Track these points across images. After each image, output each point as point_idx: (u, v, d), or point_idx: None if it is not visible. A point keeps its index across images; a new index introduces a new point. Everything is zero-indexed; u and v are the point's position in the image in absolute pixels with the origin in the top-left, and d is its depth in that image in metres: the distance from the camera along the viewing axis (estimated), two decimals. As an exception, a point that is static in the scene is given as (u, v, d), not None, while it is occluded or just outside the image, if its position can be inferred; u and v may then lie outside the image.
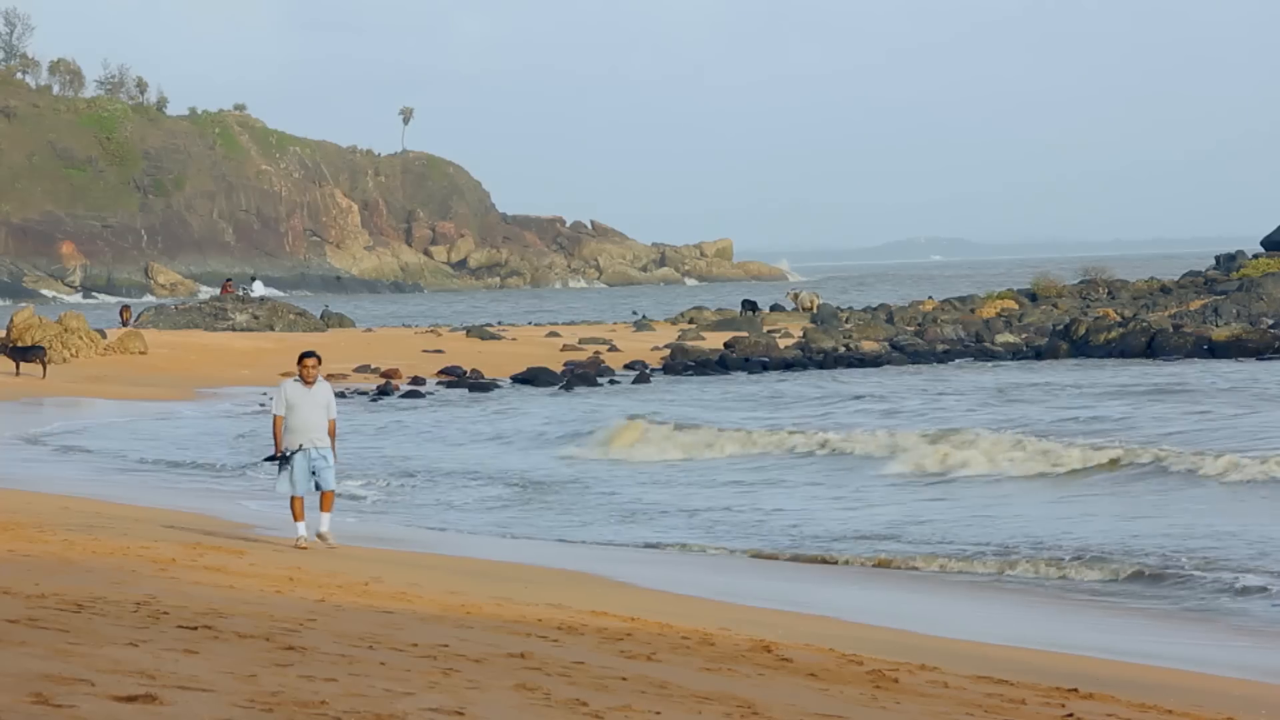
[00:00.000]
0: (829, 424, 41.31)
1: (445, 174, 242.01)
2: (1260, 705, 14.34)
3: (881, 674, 14.04)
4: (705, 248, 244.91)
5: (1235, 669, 16.70)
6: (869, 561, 24.27)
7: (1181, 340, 62.43)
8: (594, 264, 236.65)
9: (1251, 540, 24.60)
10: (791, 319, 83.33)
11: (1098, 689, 14.21)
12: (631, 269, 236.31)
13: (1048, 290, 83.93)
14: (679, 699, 11.51)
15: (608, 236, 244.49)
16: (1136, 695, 14.09)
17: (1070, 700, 13.53)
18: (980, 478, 33.05)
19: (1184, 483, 30.75)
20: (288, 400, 22.18)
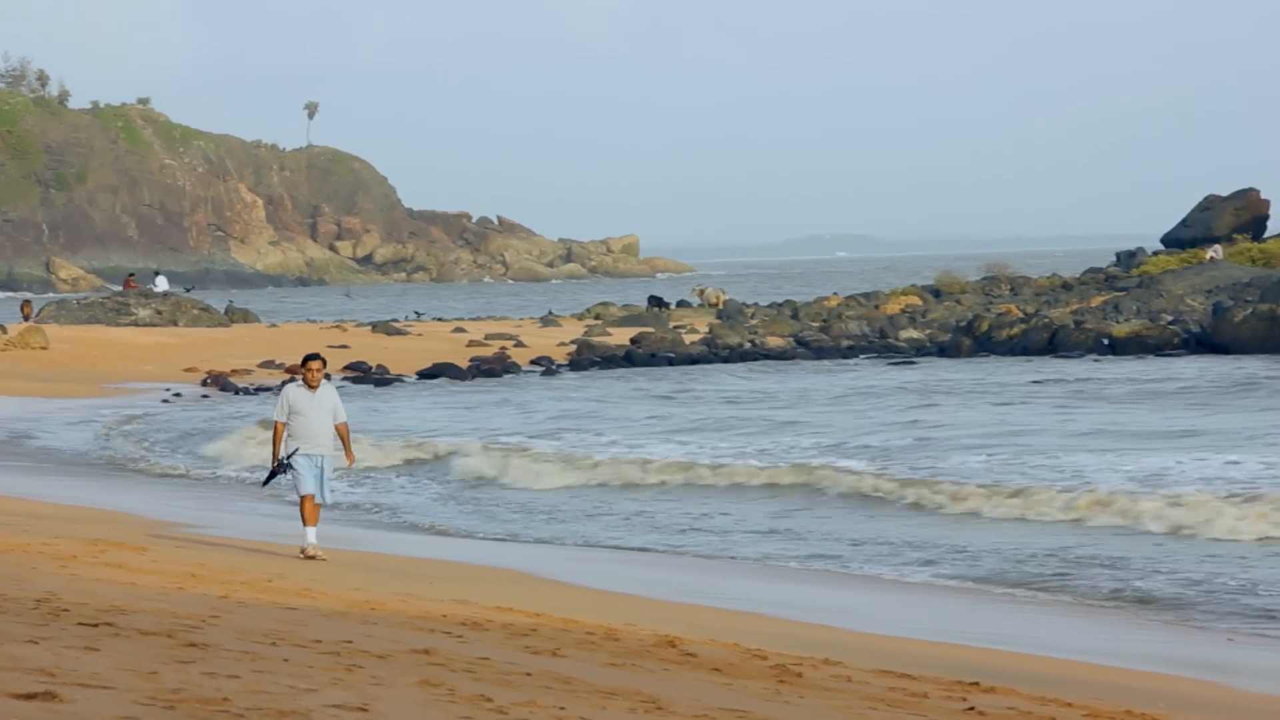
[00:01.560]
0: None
1: (351, 169, 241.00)
2: (1159, 698, 14.47)
3: (785, 669, 14.09)
4: (612, 244, 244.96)
5: (1136, 660, 16.86)
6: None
7: (1083, 336, 62.95)
8: (500, 260, 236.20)
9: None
10: (698, 315, 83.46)
11: (999, 682, 14.31)
12: (538, 265, 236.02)
13: (951, 287, 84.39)
14: (584, 694, 11.52)
15: (514, 232, 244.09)
16: (1037, 688, 14.20)
17: (972, 694, 13.62)
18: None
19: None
20: (290, 405, 21.18)
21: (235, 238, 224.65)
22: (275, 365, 61.74)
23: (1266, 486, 27.38)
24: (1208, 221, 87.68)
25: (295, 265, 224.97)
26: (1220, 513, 25.80)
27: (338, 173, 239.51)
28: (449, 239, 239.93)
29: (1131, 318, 68.42)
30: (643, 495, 31.51)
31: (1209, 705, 14.44)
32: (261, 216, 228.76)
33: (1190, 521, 25.75)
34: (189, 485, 33.26)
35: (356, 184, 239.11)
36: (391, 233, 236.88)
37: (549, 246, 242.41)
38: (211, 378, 57.88)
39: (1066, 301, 76.67)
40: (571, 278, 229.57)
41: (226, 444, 38.98)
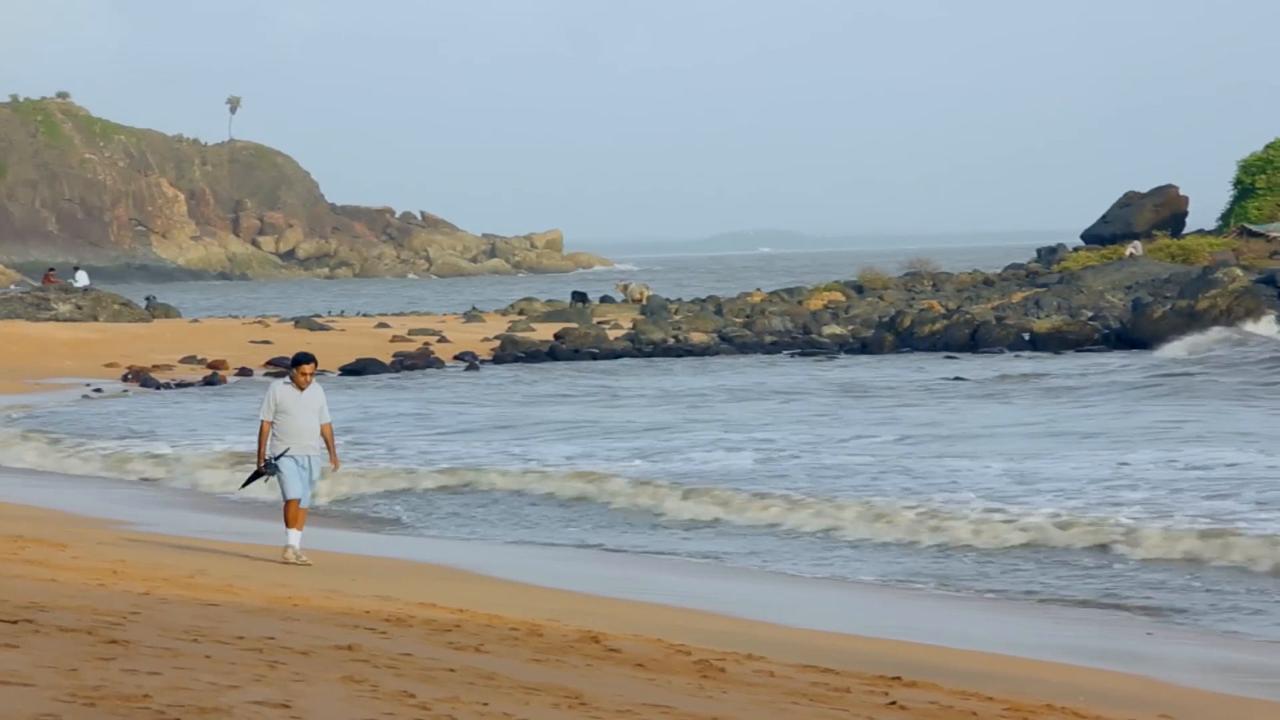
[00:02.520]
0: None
1: (273, 164, 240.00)
2: (1078, 691, 14.58)
3: (708, 664, 14.13)
4: (535, 239, 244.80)
5: (1057, 654, 16.97)
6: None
7: (1004, 332, 63.31)
8: (424, 255, 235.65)
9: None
10: (621, 310, 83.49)
11: (921, 677, 14.38)
12: (462, 260, 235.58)
13: (874, 282, 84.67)
14: (507, 690, 11.53)
15: (438, 228, 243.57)
16: (959, 683, 14.27)
17: (894, 688, 13.69)
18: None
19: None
20: (277, 404, 20.57)
21: (157, 233, 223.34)
22: (197, 361, 61.45)
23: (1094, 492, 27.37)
24: (1127, 218, 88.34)
25: (217, 260, 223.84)
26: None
27: (260, 168, 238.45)
28: (372, 234, 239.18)
29: (1052, 314, 68.82)
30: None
31: (1129, 699, 14.56)
32: (183, 211, 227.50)
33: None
34: (110, 482, 33.05)
35: (279, 179, 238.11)
36: (314, 228, 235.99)
37: (473, 242, 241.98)
38: (132, 373, 57.56)
39: (988, 298, 77.05)
40: (495, 273, 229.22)
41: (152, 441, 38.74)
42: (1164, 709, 13.97)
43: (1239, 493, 26.53)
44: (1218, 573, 21.94)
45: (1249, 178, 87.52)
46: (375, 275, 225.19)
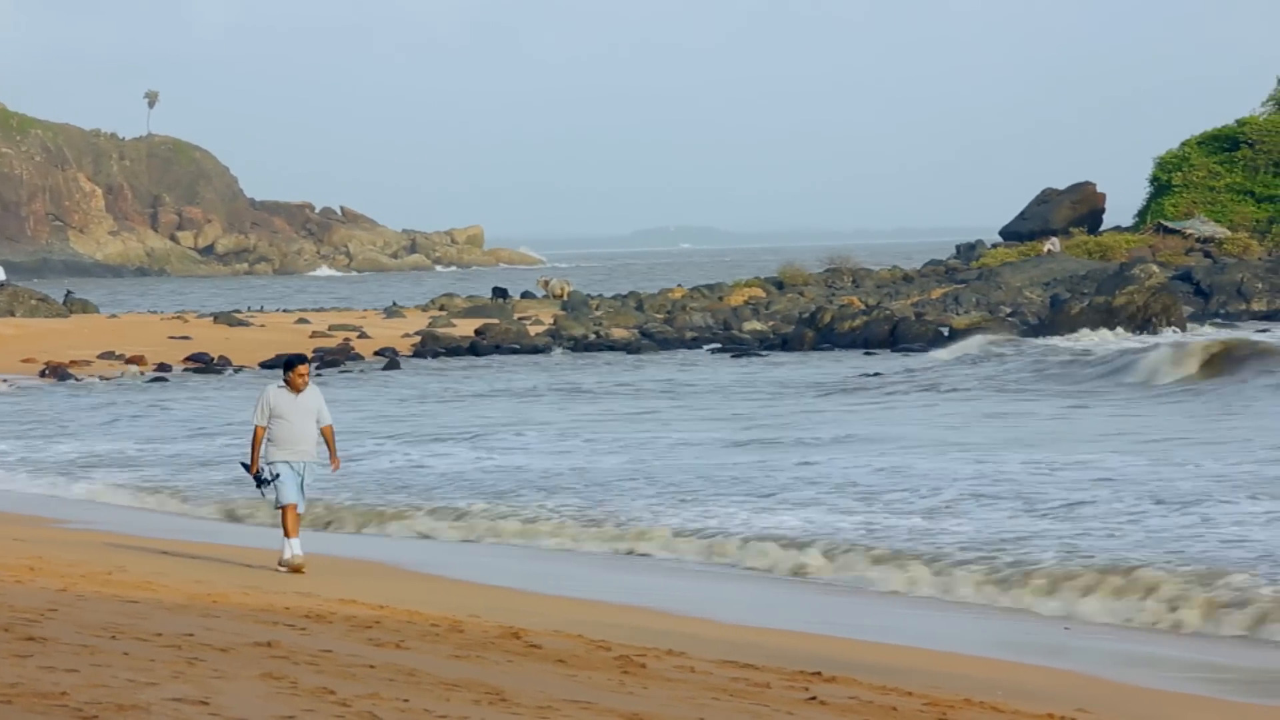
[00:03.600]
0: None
1: (192, 159, 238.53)
2: (997, 686, 14.66)
3: (629, 659, 14.15)
4: (456, 234, 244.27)
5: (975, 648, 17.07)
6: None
7: (923, 328, 63.64)
8: (344, 250, 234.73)
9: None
10: (542, 306, 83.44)
11: (841, 672, 14.43)
12: (382, 256, 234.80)
13: (794, 278, 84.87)
14: (427, 686, 11.52)
15: (358, 223, 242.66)
16: (878, 678, 14.34)
17: (814, 683, 13.74)
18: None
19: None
20: (271, 409, 19.70)
21: (74, 228, 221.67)
22: (115, 356, 61.08)
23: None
24: (1045, 215, 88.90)
25: (136, 255, 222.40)
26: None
27: (179, 162, 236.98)
28: (292, 230, 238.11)
29: (971, 310, 69.23)
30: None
31: (1047, 693, 14.65)
32: (101, 206, 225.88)
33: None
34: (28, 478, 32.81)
35: (198, 174, 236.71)
36: (234, 223, 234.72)
37: (393, 237, 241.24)
38: (50, 369, 57.18)
39: (907, 294, 77.40)
40: (416, 269, 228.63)
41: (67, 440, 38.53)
42: (1081, 703, 14.07)
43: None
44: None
45: (1165, 175, 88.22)
46: (295, 271, 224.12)
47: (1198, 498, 25.40)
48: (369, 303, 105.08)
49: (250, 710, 9.71)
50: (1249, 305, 72.33)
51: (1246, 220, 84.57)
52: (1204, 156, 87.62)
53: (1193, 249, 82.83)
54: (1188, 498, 25.45)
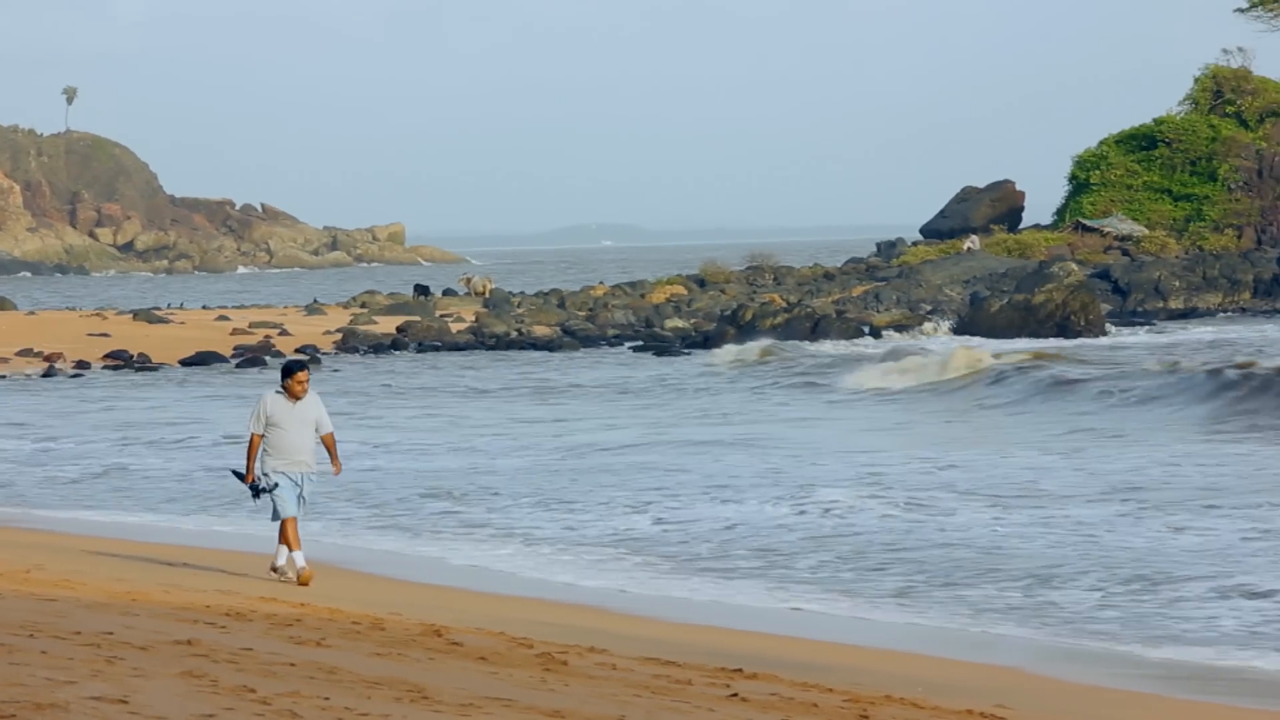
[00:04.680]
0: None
1: (111, 155, 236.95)
2: (917, 682, 14.73)
3: (551, 657, 14.15)
4: (378, 231, 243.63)
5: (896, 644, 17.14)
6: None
7: (844, 326, 63.92)
8: (265, 248, 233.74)
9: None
10: (464, 303, 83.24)
11: (762, 668, 14.47)
12: (303, 253, 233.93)
13: (716, 276, 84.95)
14: (349, 684, 11.50)
15: (279, 220, 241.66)
16: (800, 674, 14.38)
17: (735, 680, 13.77)
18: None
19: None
20: (267, 417, 18.85)
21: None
22: (34, 354, 60.65)
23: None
24: (965, 213, 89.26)
25: (54, 252, 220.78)
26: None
27: (98, 159, 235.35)
28: (212, 226, 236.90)
29: (892, 307, 69.50)
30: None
31: (966, 688, 14.74)
32: (19, 203, 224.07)
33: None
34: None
35: (117, 170, 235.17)
36: (153, 220, 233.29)
37: (314, 234, 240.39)
38: (-34, 366, 56.72)
39: (829, 291, 77.60)
40: (337, 266, 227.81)
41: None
42: (1000, 698, 14.15)
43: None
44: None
45: (1084, 173, 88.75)
46: (216, 268, 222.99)
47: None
48: (290, 300, 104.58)
49: (170, 709, 9.67)
50: (1166, 303, 72.92)
51: (1164, 218, 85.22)
52: (1122, 155, 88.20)
53: (1111, 247, 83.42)
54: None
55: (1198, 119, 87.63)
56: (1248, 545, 22.42)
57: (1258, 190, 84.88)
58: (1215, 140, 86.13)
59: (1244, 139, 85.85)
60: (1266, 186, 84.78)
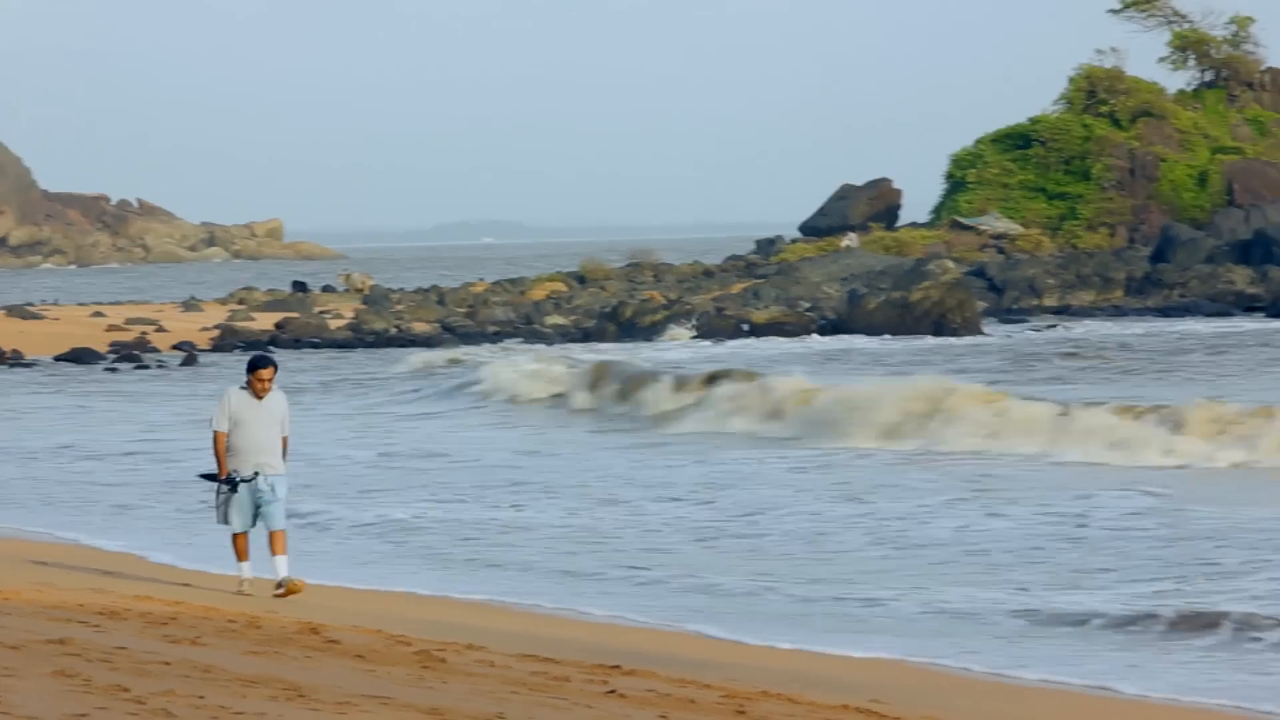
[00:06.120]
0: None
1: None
2: (793, 679, 14.82)
3: (429, 654, 14.14)
4: (256, 228, 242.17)
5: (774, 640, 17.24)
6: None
7: (724, 323, 64.24)
8: (141, 244, 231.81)
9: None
10: (343, 300, 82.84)
11: (640, 665, 14.52)
12: (180, 248, 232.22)
13: (596, 273, 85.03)
14: (224, 683, 11.45)
15: (155, 215, 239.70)
16: (677, 671, 14.43)
17: (613, 677, 13.81)
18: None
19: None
20: (232, 414, 17.95)
21: None
22: (-97, 350, 59.89)
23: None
24: (843, 211, 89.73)
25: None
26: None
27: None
28: (87, 222, 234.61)
29: (771, 304, 69.80)
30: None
31: (842, 684, 14.85)
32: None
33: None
34: None
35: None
36: (27, 214, 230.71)
37: (191, 230, 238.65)
38: None
39: (708, 288, 77.83)
40: (215, 261, 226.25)
41: None
42: (874, 693, 14.26)
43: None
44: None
45: (960, 172, 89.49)
46: (91, 263, 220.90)
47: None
48: (167, 296, 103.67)
49: (42, 708, 9.59)
50: (1040, 301, 73.65)
51: (1038, 217, 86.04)
52: (998, 154, 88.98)
53: (987, 245, 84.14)
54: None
55: (1072, 118, 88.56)
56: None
57: (1130, 189, 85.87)
58: (1089, 140, 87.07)
59: (1117, 138, 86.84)
60: (1138, 185, 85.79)
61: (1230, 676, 15.96)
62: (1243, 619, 17.66)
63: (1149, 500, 25.96)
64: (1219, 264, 73.95)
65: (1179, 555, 21.62)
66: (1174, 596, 19.05)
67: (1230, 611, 17.97)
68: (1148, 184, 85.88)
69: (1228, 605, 18.34)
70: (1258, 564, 20.81)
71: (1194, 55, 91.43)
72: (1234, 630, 17.47)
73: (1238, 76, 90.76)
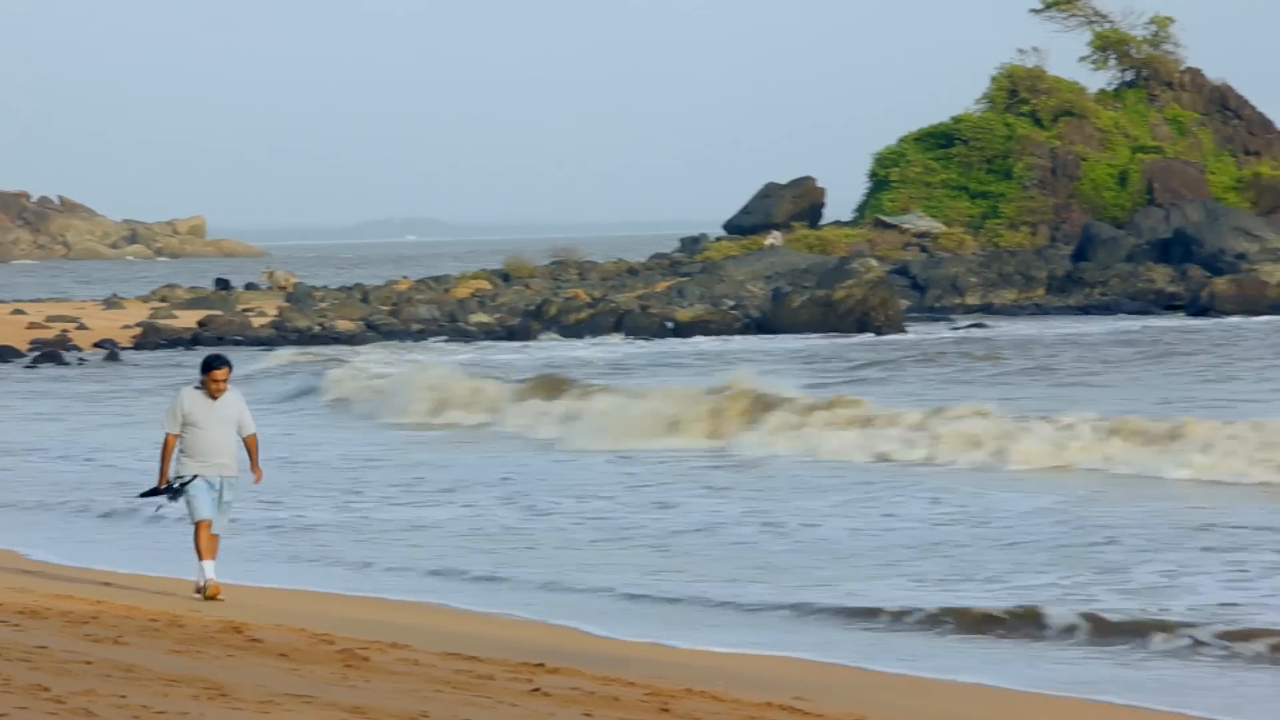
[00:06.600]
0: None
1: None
2: (717, 676, 14.87)
3: (352, 653, 14.12)
4: (178, 225, 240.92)
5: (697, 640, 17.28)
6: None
7: (648, 321, 64.33)
8: (62, 240, 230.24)
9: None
10: (266, 298, 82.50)
11: (564, 663, 14.54)
12: (101, 246, 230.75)
13: (520, 271, 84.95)
14: (146, 682, 11.40)
15: (76, 212, 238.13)
16: (601, 669, 14.46)
17: (537, 675, 13.82)
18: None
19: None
20: (184, 415, 17.59)
21: None
22: None
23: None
24: (767, 209, 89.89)
25: None
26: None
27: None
28: (7, 219, 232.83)
29: (695, 302, 69.90)
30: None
31: (766, 681, 14.90)
32: None
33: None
34: None
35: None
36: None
37: (113, 227, 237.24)
38: None
39: (633, 286, 77.88)
40: (137, 259, 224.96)
41: None
42: (798, 690, 14.31)
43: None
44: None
45: (883, 170, 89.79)
46: (11, 260, 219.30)
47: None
48: (88, 294, 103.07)
49: (-38, 709, 9.53)
50: (963, 299, 74.03)
51: (961, 216, 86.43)
52: (920, 153, 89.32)
53: (910, 243, 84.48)
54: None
55: (994, 118, 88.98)
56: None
57: (1051, 188, 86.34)
58: (1011, 139, 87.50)
59: (1038, 138, 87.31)
60: (1060, 184, 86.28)
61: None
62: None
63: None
64: (1139, 263, 74.48)
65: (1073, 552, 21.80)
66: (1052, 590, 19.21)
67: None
68: (1069, 183, 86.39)
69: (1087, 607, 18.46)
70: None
71: (1114, 55, 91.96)
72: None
73: (1158, 76, 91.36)
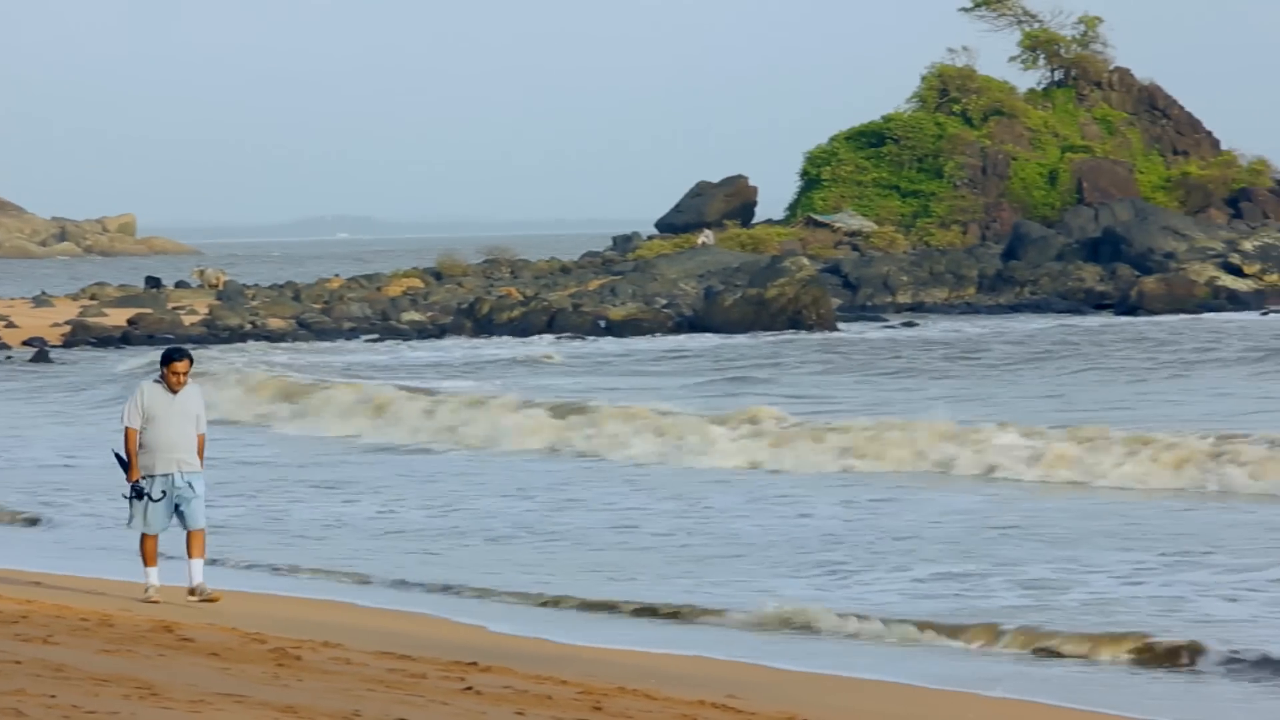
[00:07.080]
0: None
1: None
2: (650, 675, 14.91)
3: (284, 652, 14.11)
4: (108, 223, 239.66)
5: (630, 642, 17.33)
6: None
7: (581, 319, 64.38)
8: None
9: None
10: (197, 296, 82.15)
11: (497, 662, 14.56)
12: (30, 243, 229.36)
13: (452, 269, 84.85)
14: (76, 681, 11.37)
15: (4, 210, 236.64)
16: (534, 667, 14.48)
17: (470, 673, 13.84)
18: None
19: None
20: (144, 409, 17.26)
21: None
22: None
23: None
24: (699, 207, 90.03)
25: None
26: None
27: None
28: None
29: (627, 301, 69.97)
30: None
31: (698, 680, 14.96)
32: None
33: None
34: None
35: None
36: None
37: (42, 225, 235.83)
38: None
39: (565, 285, 77.90)
40: (66, 257, 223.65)
41: None
42: (731, 688, 14.37)
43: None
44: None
45: (814, 169, 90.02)
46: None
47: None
48: (17, 291, 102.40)
49: (-110, 710, 9.49)
50: (894, 298, 74.33)
51: (892, 214, 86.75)
52: (851, 152, 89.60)
53: (841, 242, 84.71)
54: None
55: (924, 117, 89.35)
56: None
57: (982, 187, 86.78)
58: (941, 138, 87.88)
59: (969, 137, 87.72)
60: (990, 184, 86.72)
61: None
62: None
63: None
64: (1069, 261, 74.94)
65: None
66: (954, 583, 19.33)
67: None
68: (999, 182, 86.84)
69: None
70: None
71: (1044, 55, 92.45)
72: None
73: (1087, 76, 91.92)
